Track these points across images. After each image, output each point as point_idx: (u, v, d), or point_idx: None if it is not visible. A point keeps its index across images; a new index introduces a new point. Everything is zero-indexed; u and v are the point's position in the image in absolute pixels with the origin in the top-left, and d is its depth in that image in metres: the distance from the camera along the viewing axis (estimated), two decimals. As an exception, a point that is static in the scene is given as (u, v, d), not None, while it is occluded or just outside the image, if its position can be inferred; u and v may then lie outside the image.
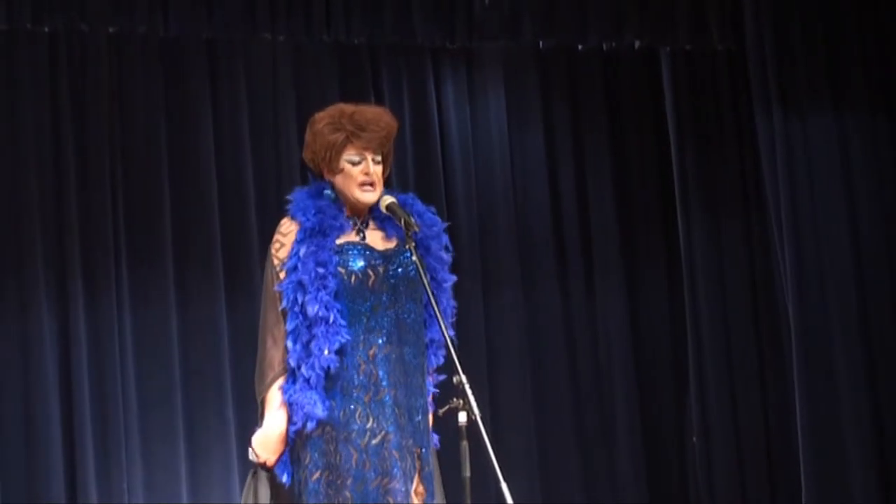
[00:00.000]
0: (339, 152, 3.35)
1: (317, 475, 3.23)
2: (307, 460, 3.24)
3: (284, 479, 3.27)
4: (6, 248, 5.25)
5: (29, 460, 5.18)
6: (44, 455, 5.16)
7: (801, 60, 5.56)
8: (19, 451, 5.16)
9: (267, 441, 3.27)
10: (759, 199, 5.75)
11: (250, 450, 3.27)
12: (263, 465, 3.29)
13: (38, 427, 5.17)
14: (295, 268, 3.30)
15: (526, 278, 6.05)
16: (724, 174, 5.93)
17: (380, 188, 3.37)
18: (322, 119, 3.37)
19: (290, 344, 3.28)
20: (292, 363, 3.25)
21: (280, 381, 3.26)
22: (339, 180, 3.35)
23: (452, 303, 3.43)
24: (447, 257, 3.43)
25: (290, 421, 3.26)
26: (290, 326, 3.28)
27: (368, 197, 3.34)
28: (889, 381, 5.49)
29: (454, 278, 3.43)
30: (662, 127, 5.98)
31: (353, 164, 3.35)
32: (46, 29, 5.05)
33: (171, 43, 5.39)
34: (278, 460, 3.29)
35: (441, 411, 3.22)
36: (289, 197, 3.39)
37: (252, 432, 3.29)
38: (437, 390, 3.36)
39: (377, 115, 3.38)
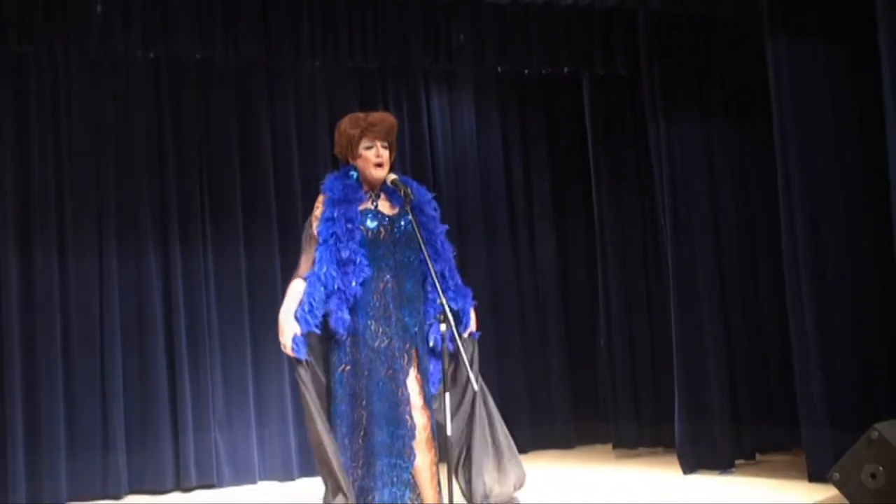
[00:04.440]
0: (358, 142, 3.47)
1: (341, 368, 3.35)
2: (336, 359, 3.36)
3: (300, 354, 3.27)
4: (127, 215, 5.48)
5: (141, 361, 5.41)
6: (152, 354, 5.41)
7: (678, 85, 5.49)
8: (133, 351, 5.41)
9: (282, 324, 3.28)
10: (649, 182, 5.83)
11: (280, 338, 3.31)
12: (292, 360, 3.29)
13: (148, 337, 5.42)
14: (331, 219, 3.36)
15: (488, 234, 6.35)
16: (625, 165, 6.13)
17: (387, 167, 3.48)
18: (344, 122, 3.55)
19: (330, 272, 3.29)
20: (331, 286, 3.30)
21: (300, 279, 3.34)
22: (359, 163, 3.48)
23: (450, 245, 3.52)
24: (436, 214, 3.53)
25: (312, 316, 3.27)
26: (324, 253, 3.31)
27: (380, 173, 3.46)
28: (734, 305, 5.48)
29: (446, 227, 3.53)
30: (583, 130, 6.23)
31: (368, 149, 3.45)
32: (151, 55, 5.22)
33: (241, 67, 5.64)
34: (294, 342, 3.25)
35: (428, 324, 3.43)
36: (322, 181, 3.52)
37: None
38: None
39: (383, 116, 3.54)
